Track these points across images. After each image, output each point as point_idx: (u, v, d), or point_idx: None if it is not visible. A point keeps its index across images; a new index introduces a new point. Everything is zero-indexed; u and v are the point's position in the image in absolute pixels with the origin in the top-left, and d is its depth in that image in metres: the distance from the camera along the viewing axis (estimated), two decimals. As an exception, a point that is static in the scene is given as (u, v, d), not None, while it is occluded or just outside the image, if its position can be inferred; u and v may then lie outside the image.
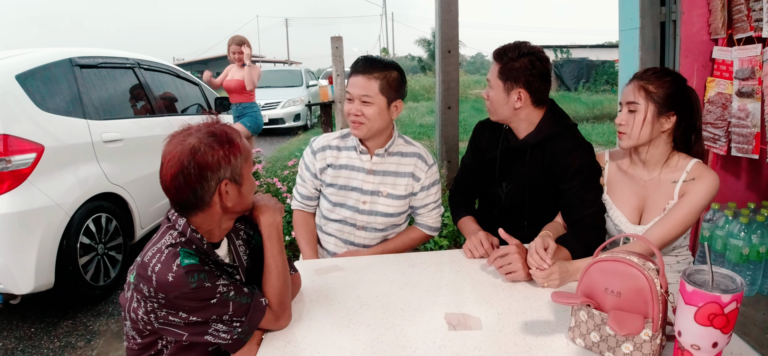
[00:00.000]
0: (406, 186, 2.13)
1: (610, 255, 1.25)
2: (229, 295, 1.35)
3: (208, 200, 1.38)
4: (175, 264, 1.30)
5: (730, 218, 2.46)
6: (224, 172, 1.37)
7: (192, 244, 1.39)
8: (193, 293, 1.29)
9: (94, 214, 3.65)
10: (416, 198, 2.16)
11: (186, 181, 1.34)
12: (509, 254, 1.68)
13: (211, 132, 1.37)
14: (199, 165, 1.33)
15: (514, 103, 1.94)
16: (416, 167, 2.13)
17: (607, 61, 27.98)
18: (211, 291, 1.32)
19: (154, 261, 1.32)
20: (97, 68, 4.10)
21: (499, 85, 1.95)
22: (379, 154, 2.10)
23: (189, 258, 1.32)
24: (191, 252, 1.35)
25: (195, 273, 1.30)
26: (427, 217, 2.21)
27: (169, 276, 1.29)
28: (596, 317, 1.23)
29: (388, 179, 2.11)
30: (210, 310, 1.34)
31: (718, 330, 1.07)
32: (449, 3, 4.85)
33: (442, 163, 5.16)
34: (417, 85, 24.02)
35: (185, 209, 1.40)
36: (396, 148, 2.13)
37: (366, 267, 1.87)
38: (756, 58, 2.35)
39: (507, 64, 1.93)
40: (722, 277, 1.10)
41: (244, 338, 1.39)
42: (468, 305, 1.53)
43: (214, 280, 1.34)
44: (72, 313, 3.62)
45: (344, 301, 1.58)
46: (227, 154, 1.36)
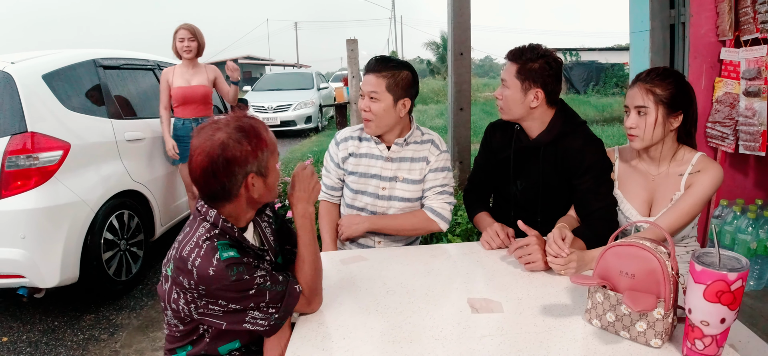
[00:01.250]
0: (421, 171, 2.23)
1: (624, 240, 1.33)
2: (266, 285, 1.42)
3: (235, 192, 1.43)
4: (215, 259, 1.35)
5: (738, 214, 2.53)
6: (251, 166, 1.41)
7: (225, 235, 1.44)
8: (233, 285, 1.36)
9: (117, 211, 3.77)
10: (427, 179, 2.25)
11: (215, 175, 1.39)
12: (529, 245, 1.77)
13: (239, 126, 1.41)
14: (227, 159, 1.38)
15: (531, 102, 2.03)
16: (429, 152, 2.24)
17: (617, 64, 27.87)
18: (249, 283, 1.39)
19: (194, 255, 1.37)
20: (119, 69, 4.23)
21: (516, 85, 2.02)
22: (398, 143, 2.21)
23: (228, 251, 1.38)
24: (228, 244, 1.41)
25: (234, 267, 1.36)
26: (432, 200, 2.24)
27: (210, 270, 1.34)
28: (611, 298, 1.32)
29: (404, 165, 2.22)
30: (248, 300, 1.41)
31: (726, 306, 1.15)
32: (461, 6, 4.91)
33: (455, 164, 5.21)
34: (426, 88, 24.06)
35: (213, 200, 1.45)
36: (413, 137, 2.24)
37: (389, 257, 1.96)
38: (762, 58, 2.43)
39: (525, 65, 2.00)
40: (728, 258, 1.18)
41: (280, 323, 1.48)
42: (489, 291, 1.62)
43: (253, 273, 1.39)
44: (95, 307, 3.73)
45: (371, 288, 1.68)
46: (254, 149, 1.41)
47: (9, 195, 3.11)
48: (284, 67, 28.98)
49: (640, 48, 3.14)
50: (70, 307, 3.75)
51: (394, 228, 2.23)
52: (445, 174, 2.26)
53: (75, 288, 3.52)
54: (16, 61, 3.39)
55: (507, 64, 2.07)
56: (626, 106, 1.92)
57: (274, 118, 12.53)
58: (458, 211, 4.16)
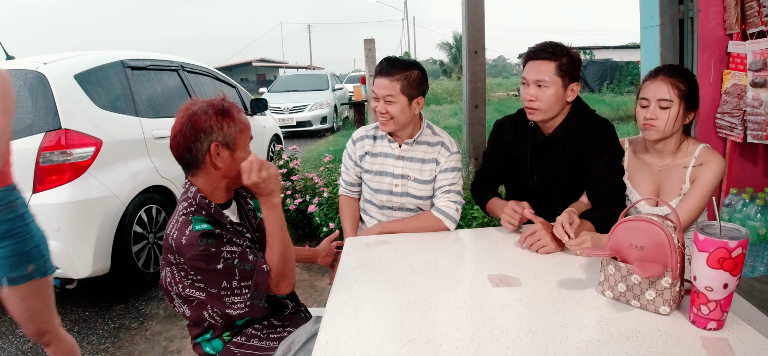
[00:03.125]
0: (431, 172, 2.30)
1: (633, 216, 1.45)
2: (234, 263, 1.56)
3: (201, 159, 1.60)
4: (188, 229, 1.52)
5: (747, 201, 2.61)
6: (216, 135, 1.58)
7: (202, 210, 1.60)
8: (201, 255, 1.50)
9: (146, 205, 3.91)
10: (437, 180, 2.31)
11: (183, 140, 1.59)
12: (537, 232, 1.88)
13: (211, 103, 1.62)
14: (193, 127, 1.57)
15: (569, 97, 2.12)
16: (440, 154, 2.31)
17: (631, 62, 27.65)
18: (216, 256, 1.52)
19: (173, 228, 1.57)
20: (145, 70, 4.37)
21: (557, 82, 2.07)
22: (408, 143, 2.30)
23: (200, 224, 1.54)
24: (203, 219, 1.57)
25: (204, 238, 1.51)
26: (440, 200, 2.28)
27: (183, 239, 1.52)
28: (622, 269, 1.43)
29: (415, 165, 2.30)
30: (218, 277, 1.54)
31: (728, 272, 1.26)
32: (476, 5, 4.99)
33: (470, 161, 5.29)
34: (439, 89, 24.14)
35: (186, 167, 1.64)
36: (424, 137, 2.32)
37: (411, 242, 2.08)
38: (767, 50, 2.51)
39: (562, 61, 2.07)
40: (729, 229, 1.29)
41: (257, 302, 1.61)
42: (507, 268, 1.74)
43: (220, 246, 1.53)
44: (124, 298, 3.87)
45: (396, 267, 1.79)
46: (220, 121, 1.59)
47: (44, 189, 3.25)
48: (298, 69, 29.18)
49: (651, 43, 3.23)
50: (100, 297, 3.90)
51: (406, 231, 2.26)
52: (454, 174, 2.31)
53: (105, 279, 3.66)
54: (48, 62, 3.54)
55: (536, 63, 2.08)
56: (646, 99, 1.99)
57: (290, 119, 12.67)
58: (471, 208, 4.25)
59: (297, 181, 4.67)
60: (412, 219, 2.30)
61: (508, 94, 25.11)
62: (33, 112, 3.32)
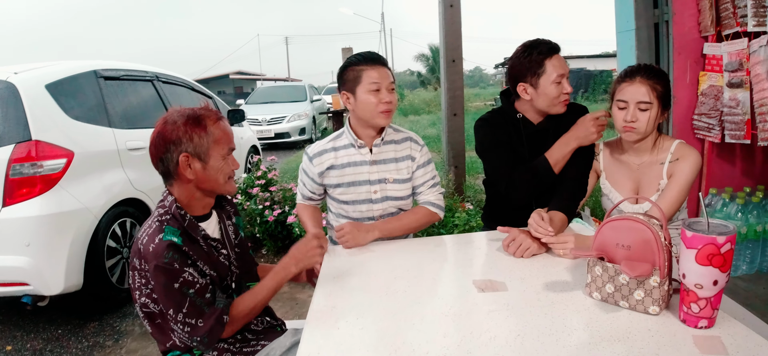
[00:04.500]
0: (408, 169, 2.26)
1: (619, 215, 1.42)
2: (189, 291, 1.50)
3: (173, 170, 1.57)
4: (158, 237, 1.48)
5: (727, 201, 2.63)
6: (185, 146, 1.55)
7: (176, 220, 1.55)
8: (164, 267, 1.46)
9: (120, 219, 3.80)
10: (415, 177, 2.28)
11: (155, 150, 1.58)
12: (517, 237, 1.86)
13: (183, 112, 1.58)
14: (163, 137, 1.56)
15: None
16: (411, 149, 2.28)
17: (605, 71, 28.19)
18: (176, 273, 1.47)
19: (144, 234, 1.53)
20: (119, 80, 4.28)
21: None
22: (377, 145, 2.23)
23: (171, 235, 1.50)
24: (175, 230, 1.52)
25: (170, 250, 1.47)
26: (429, 194, 2.28)
27: (151, 246, 1.48)
28: (610, 270, 1.40)
29: (390, 166, 2.24)
30: (171, 296, 1.49)
31: (717, 268, 1.24)
32: (453, 14, 5.05)
33: (449, 169, 5.30)
34: (417, 99, 24.25)
35: (163, 177, 1.62)
36: (389, 136, 2.27)
37: (395, 249, 2.04)
38: (743, 51, 2.54)
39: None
40: (716, 225, 1.27)
41: (200, 346, 1.57)
42: (493, 272, 1.70)
43: (184, 265, 1.49)
44: (98, 315, 3.74)
45: (380, 274, 1.75)
46: (189, 131, 1.55)
47: (14, 202, 3.14)
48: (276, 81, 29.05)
49: (627, 47, 3.26)
50: (73, 315, 3.77)
51: (401, 229, 2.22)
52: (432, 166, 2.32)
53: (78, 295, 3.54)
54: (19, 72, 3.44)
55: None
56: (624, 101, 1.99)
57: (268, 131, 12.57)
58: (455, 214, 4.24)
59: (275, 192, 4.60)
60: (408, 217, 2.25)
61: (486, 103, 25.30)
62: (2, 123, 3.21)
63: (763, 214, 2.59)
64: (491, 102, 24.95)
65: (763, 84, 2.35)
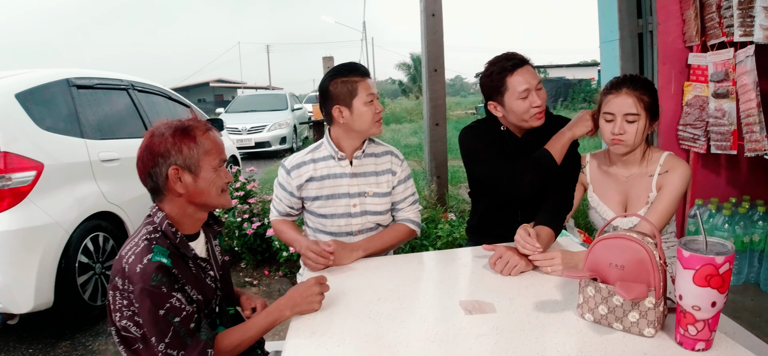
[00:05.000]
0: (388, 183, 2.21)
1: (612, 233, 1.36)
2: (174, 319, 1.40)
3: (163, 185, 1.50)
4: (146, 258, 1.39)
5: (713, 212, 2.60)
6: (174, 158, 1.48)
7: (167, 239, 1.48)
8: (152, 290, 1.37)
9: (92, 233, 3.67)
10: (395, 192, 2.23)
11: (143, 166, 1.51)
12: (503, 255, 1.80)
13: (171, 124, 1.51)
14: (150, 150, 1.48)
15: None
16: (392, 163, 2.23)
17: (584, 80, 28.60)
18: (163, 299, 1.38)
19: (130, 252, 1.43)
20: (93, 89, 4.15)
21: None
22: (358, 157, 2.18)
23: (161, 256, 1.41)
24: (165, 251, 1.44)
25: (160, 273, 1.38)
26: (408, 211, 2.26)
27: (138, 267, 1.38)
28: (603, 290, 1.34)
29: (370, 179, 2.19)
30: (155, 323, 1.38)
31: (715, 289, 1.18)
32: (435, 24, 5.02)
33: (432, 179, 5.25)
34: (399, 108, 24.38)
35: (152, 193, 1.54)
36: (369, 149, 2.22)
37: (377, 267, 1.96)
38: (729, 61, 2.52)
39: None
40: (714, 244, 1.22)
41: None
42: (480, 293, 1.63)
43: (172, 289, 1.41)
44: (70, 333, 3.60)
45: (362, 296, 1.66)
46: (178, 143, 1.48)
47: (-20, 217, 3.01)
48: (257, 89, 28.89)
49: (611, 57, 3.23)
50: (45, 334, 3.63)
51: (384, 247, 2.16)
52: (411, 182, 2.29)
53: (49, 313, 3.41)
54: (-13, 80, 3.31)
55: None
56: (611, 113, 1.94)
57: (249, 140, 12.41)
58: (438, 225, 4.19)
59: (255, 204, 4.49)
60: (389, 234, 2.19)
61: (467, 112, 25.44)
62: (-31, 134, 3.08)
63: (749, 225, 2.57)
64: (472, 111, 25.09)
65: (749, 94, 2.32)
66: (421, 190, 5.40)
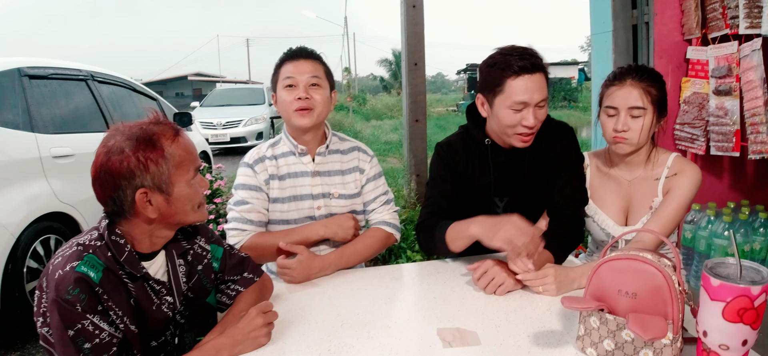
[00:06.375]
0: (355, 183, 1.97)
1: (621, 253, 1.14)
2: (84, 345, 1.15)
3: (128, 209, 1.24)
4: (70, 265, 1.16)
5: (712, 218, 2.42)
6: (141, 179, 1.22)
7: (108, 252, 1.24)
8: (61, 304, 1.14)
9: (42, 236, 3.43)
10: (365, 191, 1.99)
11: (101, 190, 1.24)
12: (489, 270, 1.56)
13: (131, 133, 1.24)
14: (108, 172, 1.22)
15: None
16: (359, 160, 2.00)
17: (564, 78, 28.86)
18: (74, 319, 1.15)
19: (61, 253, 1.22)
20: (47, 79, 3.87)
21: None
22: (321, 154, 1.94)
23: (89, 268, 1.18)
24: (99, 264, 1.20)
25: (78, 288, 1.15)
26: (382, 212, 1.99)
27: (58, 272, 1.16)
28: (610, 322, 1.11)
29: (335, 179, 1.94)
30: (62, 343, 1.15)
31: (748, 325, 0.97)
32: (415, 15, 4.85)
33: (411, 177, 5.09)
34: (380, 104, 24.29)
35: (112, 215, 1.28)
36: (334, 145, 1.98)
37: (343, 282, 1.72)
38: (733, 55, 2.32)
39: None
40: (747, 269, 1.00)
41: None
42: (461, 318, 1.39)
43: (88, 310, 1.16)
44: (20, 344, 3.37)
45: (322, 321, 1.41)
46: (144, 160, 1.22)
47: None
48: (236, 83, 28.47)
49: (603, 49, 3.04)
50: (-10, 345, 3.37)
51: (358, 258, 1.89)
52: (383, 180, 2.04)
53: (-5, 323, 3.17)
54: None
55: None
56: (613, 107, 1.73)
57: (224, 135, 12.12)
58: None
59: (221, 204, 4.22)
60: (364, 243, 1.91)
61: (448, 109, 25.40)
62: None
63: (751, 232, 2.38)
64: (453, 108, 25.02)
65: (755, 91, 2.14)
66: (401, 189, 5.24)
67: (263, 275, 1.60)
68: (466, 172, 1.90)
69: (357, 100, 24.08)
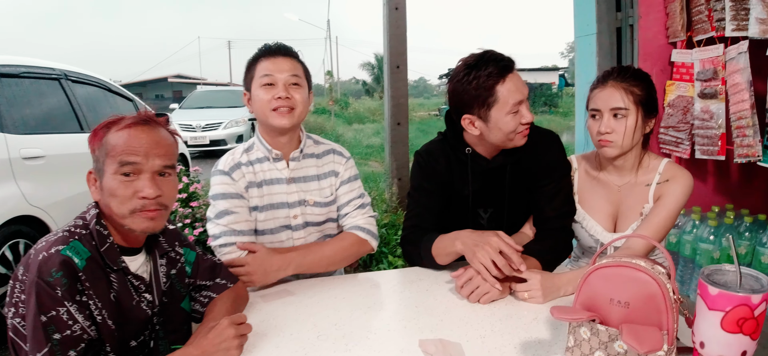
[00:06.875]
0: (331, 188, 1.87)
1: (612, 260, 1.08)
2: (54, 336, 1.10)
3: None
4: (55, 248, 1.14)
5: (697, 223, 2.39)
6: (93, 160, 1.27)
7: (93, 240, 1.22)
8: (41, 286, 1.10)
9: (11, 240, 3.31)
10: (339, 195, 1.88)
11: None
12: (473, 277, 1.50)
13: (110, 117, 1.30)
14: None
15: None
16: (334, 162, 1.89)
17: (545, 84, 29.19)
18: (51, 303, 1.11)
19: (44, 239, 1.20)
20: (18, 78, 3.74)
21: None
22: (295, 158, 1.82)
23: (74, 254, 1.16)
24: (85, 251, 1.18)
25: (62, 271, 1.12)
26: (356, 217, 1.87)
27: (41, 255, 1.13)
28: (602, 333, 1.05)
29: (311, 185, 1.84)
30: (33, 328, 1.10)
31: (748, 336, 0.92)
32: (398, 18, 4.81)
33: (393, 181, 5.03)
34: (362, 108, 24.26)
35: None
36: (309, 149, 1.87)
37: (320, 290, 1.63)
38: (718, 58, 2.30)
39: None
40: (745, 276, 0.95)
41: None
42: (444, 329, 1.33)
43: (67, 297, 1.13)
44: (-15, 353, 3.22)
45: (297, 333, 1.34)
46: (91, 142, 1.26)
47: None
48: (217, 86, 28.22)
49: (587, 52, 3.00)
50: (-46, 354, 3.24)
51: (324, 262, 1.77)
52: (358, 184, 1.93)
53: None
54: None
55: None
56: (597, 109, 1.69)
57: (203, 137, 11.89)
58: (399, 230, 3.91)
59: (197, 208, 4.11)
60: (333, 248, 1.80)
61: (430, 113, 25.43)
62: None
63: (736, 236, 2.36)
64: (435, 112, 25.04)
65: (742, 94, 2.10)
66: (382, 193, 5.18)
67: (238, 283, 1.53)
68: (447, 181, 1.83)
69: (339, 104, 24.00)
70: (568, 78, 36.13)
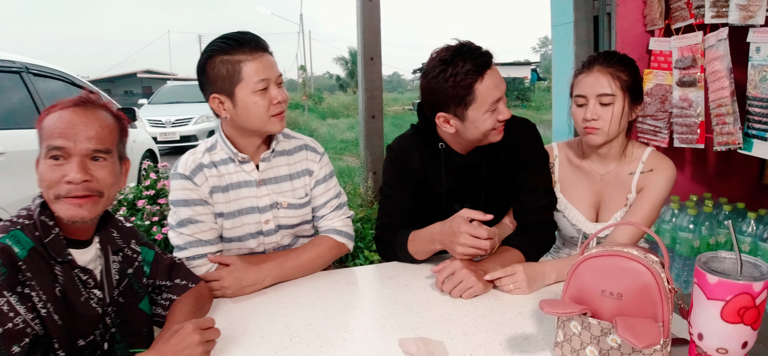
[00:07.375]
0: (305, 188, 1.74)
1: (603, 249, 1.02)
2: None
3: None
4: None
5: (676, 211, 2.36)
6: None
7: (36, 231, 1.15)
8: None
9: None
10: (314, 195, 1.76)
11: None
12: (457, 271, 1.42)
13: None
14: None
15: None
16: (308, 160, 1.75)
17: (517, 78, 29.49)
18: None
19: None
20: (-28, 71, 3.55)
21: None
22: (266, 159, 1.68)
23: (14, 243, 1.10)
24: (27, 242, 1.12)
25: (1, 260, 1.06)
26: (333, 219, 1.77)
27: None
28: (594, 327, 0.99)
29: (284, 186, 1.71)
30: None
31: (749, 326, 0.87)
32: (371, 9, 4.73)
33: (368, 175, 4.95)
34: (336, 103, 24.15)
35: None
36: (279, 146, 1.72)
37: (293, 289, 1.55)
38: (697, 45, 2.26)
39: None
40: (747, 265, 0.90)
41: None
42: (425, 327, 1.26)
43: (6, 288, 1.06)
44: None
45: (268, 336, 1.25)
46: (37, 130, 1.19)
47: None
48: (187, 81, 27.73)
49: (564, 41, 2.97)
50: None
51: (301, 270, 1.66)
52: (334, 182, 1.81)
53: None
54: None
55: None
56: (582, 95, 1.63)
57: (173, 133, 11.58)
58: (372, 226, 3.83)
59: (166, 206, 3.97)
60: (309, 253, 1.69)
61: (404, 108, 25.40)
62: None
63: (714, 225, 2.34)
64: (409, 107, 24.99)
65: (721, 82, 2.07)
66: (357, 187, 5.10)
67: (200, 283, 1.44)
68: (421, 178, 1.75)
69: (313, 99, 23.78)
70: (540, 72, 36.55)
